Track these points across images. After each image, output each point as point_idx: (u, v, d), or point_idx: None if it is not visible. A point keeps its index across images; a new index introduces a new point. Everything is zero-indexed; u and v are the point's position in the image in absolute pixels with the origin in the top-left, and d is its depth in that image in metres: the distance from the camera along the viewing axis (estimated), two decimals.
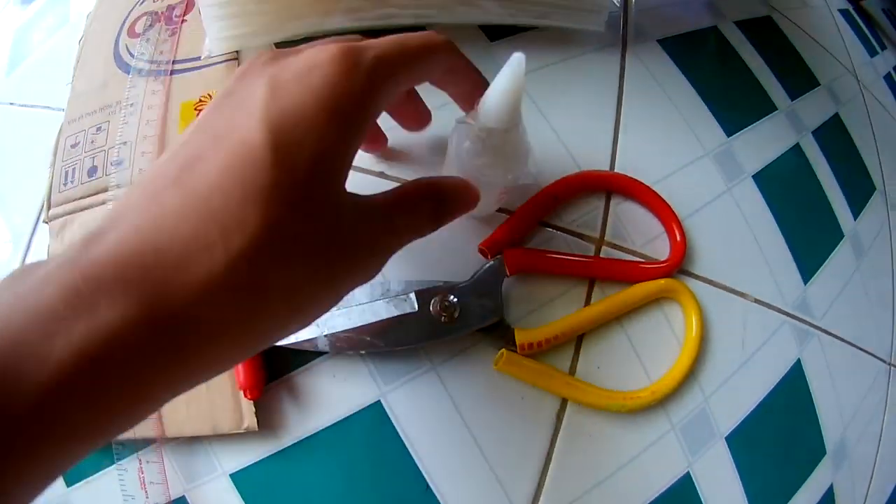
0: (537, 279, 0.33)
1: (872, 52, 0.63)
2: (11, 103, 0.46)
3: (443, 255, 0.33)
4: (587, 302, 0.33)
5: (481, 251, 0.32)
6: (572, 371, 0.32)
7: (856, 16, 0.66)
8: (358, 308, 0.29)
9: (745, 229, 0.40)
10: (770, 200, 0.42)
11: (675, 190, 0.37)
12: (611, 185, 0.36)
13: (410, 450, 0.31)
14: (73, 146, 0.39)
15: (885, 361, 0.46)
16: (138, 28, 0.44)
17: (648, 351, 0.34)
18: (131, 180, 0.36)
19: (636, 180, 0.35)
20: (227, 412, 0.31)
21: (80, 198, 0.37)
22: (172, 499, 0.31)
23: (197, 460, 0.32)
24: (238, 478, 0.31)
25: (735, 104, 0.44)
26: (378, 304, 0.29)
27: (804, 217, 0.44)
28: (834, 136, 0.50)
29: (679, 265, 0.35)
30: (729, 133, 0.43)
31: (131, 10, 0.45)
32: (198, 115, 0.36)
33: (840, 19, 0.61)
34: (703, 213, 0.38)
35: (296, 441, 0.31)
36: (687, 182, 0.38)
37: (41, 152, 0.39)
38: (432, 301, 0.29)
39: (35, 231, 0.39)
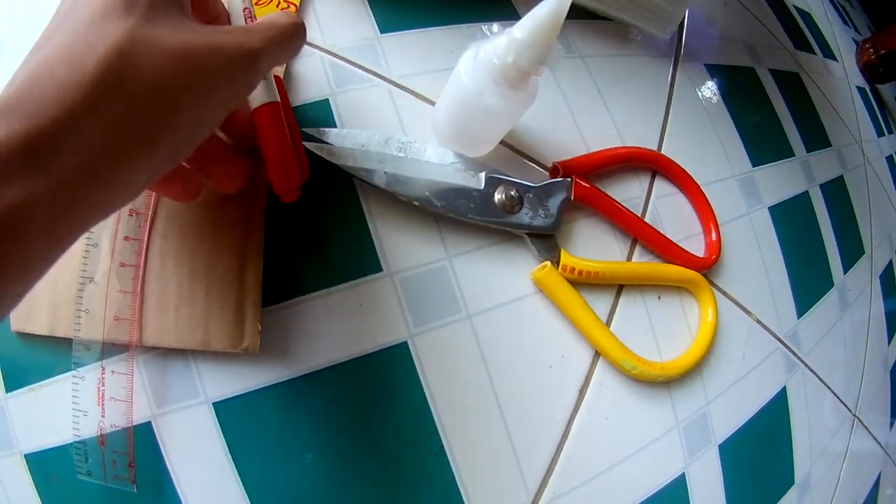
0: (592, 217, 0.34)
1: (880, 132, 0.68)
2: None
3: (514, 160, 0.33)
4: (628, 258, 0.34)
5: (554, 168, 0.33)
6: (609, 319, 0.33)
7: (871, 96, 0.70)
8: (428, 164, 0.28)
9: (757, 253, 0.41)
10: (780, 234, 0.44)
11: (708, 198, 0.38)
12: (659, 165, 0.37)
13: (431, 404, 0.29)
14: None
15: (850, 411, 0.48)
16: None
17: (662, 331, 0.35)
18: None
19: (686, 171, 0.36)
20: (225, 326, 0.27)
21: None
22: (134, 423, 0.26)
23: (175, 381, 0.27)
24: (222, 408, 0.27)
25: (761, 139, 0.47)
26: (447, 169, 0.28)
27: (805, 257, 0.46)
28: (837, 194, 0.53)
29: (713, 264, 0.35)
30: (754, 163, 0.44)
31: None
32: (256, 2, 0.34)
33: (856, 95, 0.66)
34: (725, 228, 0.39)
35: (301, 373, 0.28)
36: (715, 195, 0.40)
37: None
38: (499, 187, 0.30)
39: None
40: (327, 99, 0.31)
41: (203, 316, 0.27)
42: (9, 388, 0.27)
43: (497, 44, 0.25)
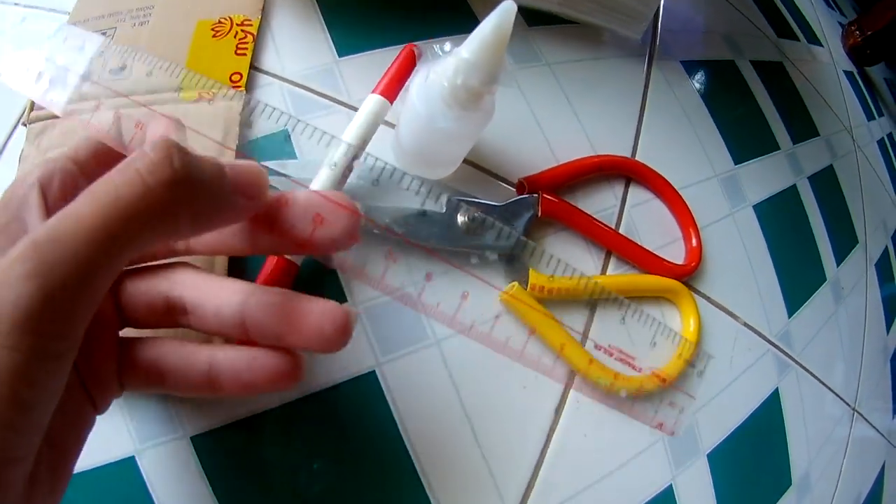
0: (562, 232, 0.33)
1: (870, 116, 0.66)
2: (16, 3, 0.43)
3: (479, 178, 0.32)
4: (602, 272, 0.34)
5: (519, 185, 0.32)
6: (584, 337, 0.32)
7: (859, 80, 0.69)
8: (388, 189, 0.28)
9: (743, 254, 0.41)
10: (766, 232, 0.43)
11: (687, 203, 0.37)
12: (633, 172, 0.36)
13: (402, 432, 0.28)
14: None
15: (849, 405, 0.47)
16: None
17: (642, 346, 0.34)
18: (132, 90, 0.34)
19: (660, 174, 0.35)
20: None
21: (66, 103, 0.35)
22: (118, 458, 0.27)
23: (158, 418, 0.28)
24: (201, 441, 0.28)
25: (744, 135, 0.46)
26: (406, 194, 0.28)
27: (794, 254, 0.45)
28: (827, 185, 0.52)
29: (693, 271, 0.35)
30: (736, 161, 0.44)
31: None
32: (213, 35, 0.35)
33: (844, 80, 0.64)
34: (707, 231, 0.39)
35: (271, 407, 0.28)
36: (696, 198, 0.39)
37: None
38: (461, 209, 0.29)
39: (11, 135, 0.36)
40: (286, 129, 0.31)
41: None
42: None
43: (446, 65, 0.25)
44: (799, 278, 0.45)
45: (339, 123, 0.32)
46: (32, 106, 0.35)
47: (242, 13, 0.36)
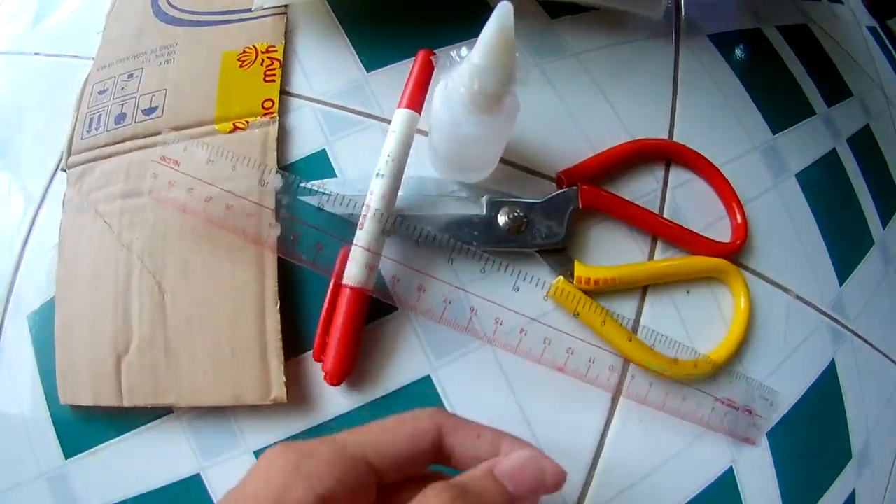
0: (605, 221, 0.33)
1: None
2: (37, 53, 0.44)
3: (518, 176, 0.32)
4: (650, 257, 0.33)
5: (558, 178, 0.32)
6: (636, 325, 0.32)
7: (882, 34, 0.67)
8: (429, 197, 0.28)
9: (790, 226, 0.40)
10: (811, 200, 0.42)
11: (729, 180, 0.37)
12: (672, 153, 0.36)
13: None
14: (100, 93, 0.38)
15: None
16: None
17: (695, 326, 0.34)
18: (164, 129, 0.35)
19: (700, 154, 0.35)
20: (253, 380, 0.29)
21: (104, 145, 0.36)
22: (182, 478, 0.29)
23: (217, 434, 0.29)
24: None
25: (779, 103, 0.45)
26: (447, 200, 0.28)
27: (840, 220, 0.44)
28: (866, 145, 0.50)
29: (741, 248, 0.34)
30: (774, 131, 0.43)
31: None
32: (240, 65, 0.35)
33: (868, 36, 0.62)
34: (751, 206, 0.38)
35: (329, 418, 0.29)
36: (738, 173, 0.38)
37: (64, 103, 0.38)
38: (501, 210, 0.29)
39: (52, 182, 0.37)
40: (324, 149, 0.31)
41: (231, 373, 0.29)
42: (67, 454, 0.30)
43: (461, 72, 0.25)
44: (847, 244, 0.44)
45: (376, 137, 0.32)
46: (70, 150, 0.36)
47: (266, 41, 0.37)
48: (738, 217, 0.36)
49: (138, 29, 0.40)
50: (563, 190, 0.31)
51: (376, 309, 0.30)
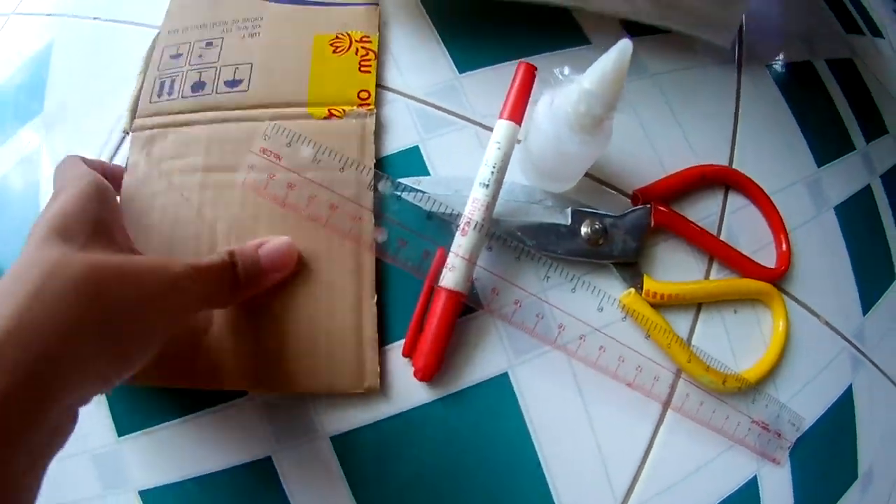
0: (670, 239, 0.35)
1: None
2: (95, 18, 0.44)
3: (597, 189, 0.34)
4: (706, 276, 0.36)
5: (634, 196, 0.34)
6: (690, 336, 0.34)
7: None
8: (517, 203, 0.30)
9: (825, 256, 0.42)
10: (845, 233, 0.44)
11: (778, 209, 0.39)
12: (731, 180, 0.38)
13: (528, 425, 0.31)
14: (173, 56, 0.37)
15: None
16: None
17: (738, 343, 0.36)
18: (248, 102, 0.35)
19: (756, 183, 0.37)
20: (347, 369, 0.29)
21: (178, 111, 0.35)
22: (254, 458, 0.30)
23: (294, 419, 0.30)
24: (339, 441, 0.30)
25: (824, 137, 0.47)
26: (535, 208, 0.30)
27: (868, 254, 0.46)
28: None
29: (784, 274, 0.37)
30: (819, 164, 0.45)
31: None
32: (333, 50, 0.36)
33: None
34: (794, 234, 0.40)
35: (410, 408, 0.30)
36: (784, 203, 0.40)
37: (122, 68, 0.38)
38: (584, 221, 0.31)
39: (116, 148, 0.37)
40: (417, 146, 0.33)
41: (326, 363, 0.29)
42: (121, 432, 0.31)
43: (569, 93, 0.27)
44: (872, 277, 0.46)
45: (469, 139, 0.33)
46: (135, 113, 0.35)
47: (361, 30, 0.37)
48: (784, 245, 0.38)
49: None
50: (638, 207, 0.33)
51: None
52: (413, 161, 0.33)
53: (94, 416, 0.31)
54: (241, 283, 0.27)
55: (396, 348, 0.31)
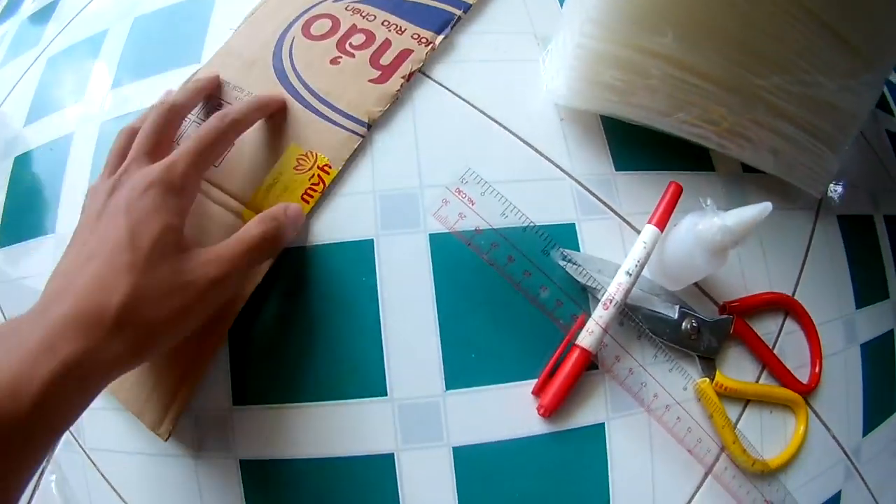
0: (739, 346, 0.44)
1: None
2: None
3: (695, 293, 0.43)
4: (757, 379, 0.45)
5: (722, 307, 0.44)
6: (736, 423, 0.43)
7: None
8: (641, 292, 0.40)
9: (845, 383, 0.51)
10: (864, 367, 0.53)
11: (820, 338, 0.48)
12: (791, 308, 0.47)
13: (609, 471, 0.39)
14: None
15: None
16: (314, 30, 0.42)
17: (768, 436, 0.45)
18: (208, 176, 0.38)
19: (808, 313, 0.47)
20: (154, 404, 0.34)
21: None
22: (384, 453, 0.34)
23: (424, 424, 0.35)
24: (460, 453, 0.35)
25: (867, 285, 0.56)
26: (653, 299, 0.39)
27: (879, 387, 0.56)
28: None
29: (812, 390, 0.47)
30: (857, 306, 0.54)
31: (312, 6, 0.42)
32: (296, 166, 0.37)
33: None
34: (826, 361, 0.49)
35: (521, 436, 0.36)
36: (824, 333, 0.49)
37: None
38: (686, 318, 0.40)
39: None
40: (574, 224, 0.42)
41: (146, 395, 0.34)
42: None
43: (712, 224, 0.36)
44: (878, 407, 0.55)
45: (614, 230, 0.42)
46: None
47: (328, 156, 0.37)
48: (817, 367, 0.47)
49: (251, 59, 0.41)
50: (724, 317, 0.43)
51: None
52: (568, 235, 0.41)
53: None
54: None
55: (527, 385, 0.38)
